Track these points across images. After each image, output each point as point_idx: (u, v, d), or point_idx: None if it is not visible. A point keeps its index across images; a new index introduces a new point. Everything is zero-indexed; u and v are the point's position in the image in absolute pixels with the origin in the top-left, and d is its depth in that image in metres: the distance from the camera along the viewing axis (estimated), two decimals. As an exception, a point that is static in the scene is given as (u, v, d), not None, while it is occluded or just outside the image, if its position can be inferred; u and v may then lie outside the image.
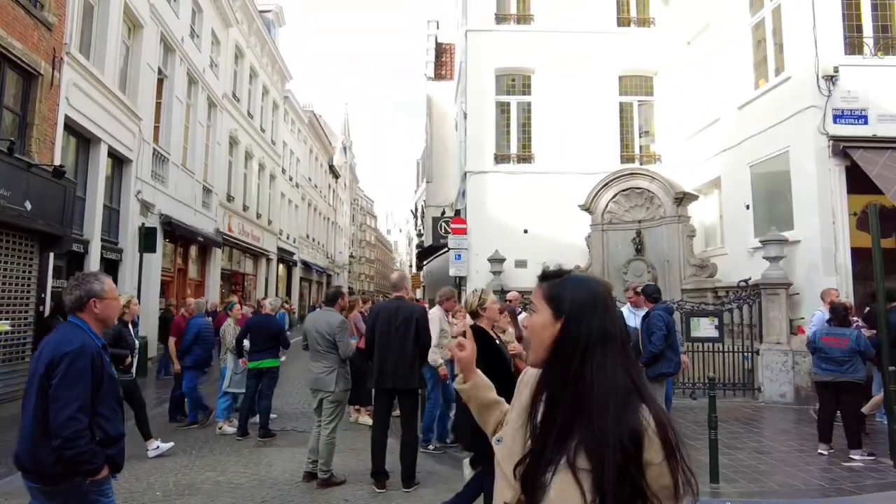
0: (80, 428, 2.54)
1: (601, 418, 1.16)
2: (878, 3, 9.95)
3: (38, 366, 2.61)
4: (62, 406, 2.51)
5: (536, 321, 1.32)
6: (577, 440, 1.17)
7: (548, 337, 1.28)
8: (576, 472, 1.15)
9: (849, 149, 9.32)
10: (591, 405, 1.18)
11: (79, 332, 2.69)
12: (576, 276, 1.36)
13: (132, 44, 13.16)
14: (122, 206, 12.80)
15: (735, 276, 10.96)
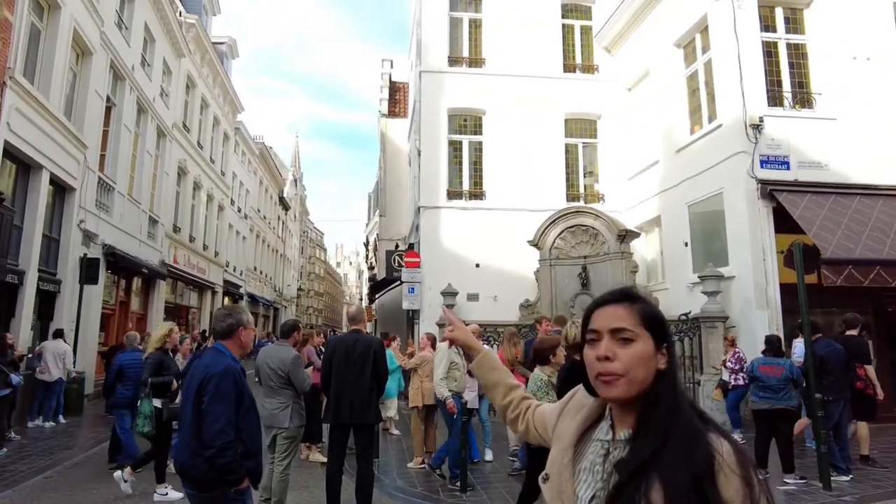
0: (229, 440, 2.95)
1: (681, 448, 1.08)
2: (794, 62, 10.96)
3: (191, 386, 3.06)
4: (213, 420, 2.94)
5: (642, 351, 1.16)
6: (654, 476, 1.07)
7: (654, 367, 1.17)
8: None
9: (775, 192, 10.09)
10: (671, 436, 1.10)
11: (222, 357, 3.14)
12: (650, 298, 1.36)
13: (80, 70, 12.89)
14: (62, 236, 12.30)
15: (676, 310, 11.50)
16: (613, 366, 1.15)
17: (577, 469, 1.23)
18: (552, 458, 1.29)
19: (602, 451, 1.21)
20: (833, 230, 9.39)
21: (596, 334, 1.20)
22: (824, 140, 10.50)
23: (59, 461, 8.07)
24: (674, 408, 1.14)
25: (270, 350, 5.37)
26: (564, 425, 1.32)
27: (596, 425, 1.27)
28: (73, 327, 12.00)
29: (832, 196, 10.12)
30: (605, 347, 1.17)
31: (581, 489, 1.20)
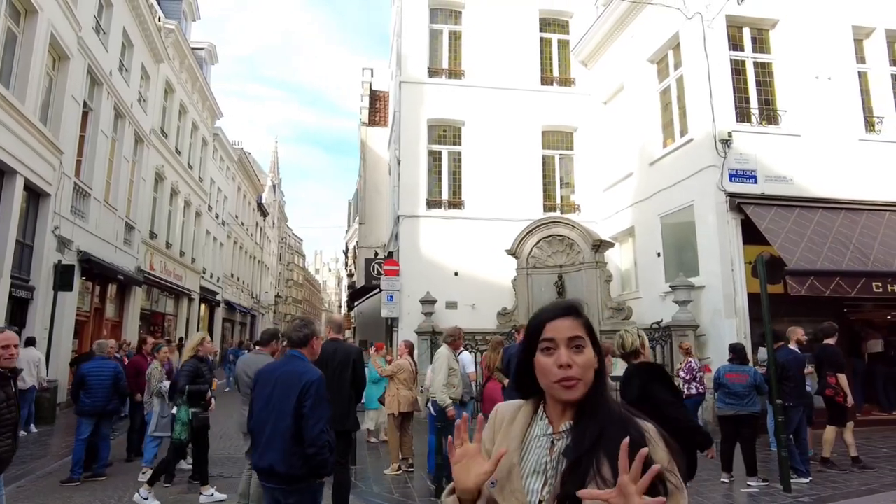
0: (328, 440, 3.32)
1: (618, 427, 1.27)
2: (760, 80, 11.41)
3: (282, 392, 3.34)
4: (315, 422, 3.26)
5: (590, 356, 1.35)
6: (601, 453, 1.24)
7: (593, 371, 1.35)
8: (605, 484, 1.21)
9: (743, 204, 10.45)
10: (609, 418, 1.30)
11: (305, 363, 3.49)
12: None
13: (57, 75, 12.79)
14: (36, 242, 12.15)
15: (649, 318, 11.80)
16: (573, 371, 1.31)
17: (523, 467, 1.34)
18: (499, 468, 1.34)
19: (547, 443, 1.35)
20: (797, 242, 9.77)
21: (552, 343, 1.34)
22: (789, 155, 10.93)
23: (31, 470, 7.99)
24: (606, 399, 1.34)
25: (249, 359, 5.46)
26: (502, 438, 1.41)
27: (529, 427, 1.41)
28: (47, 335, 11.84)
29: (796, 209, 10.53)
30: (566, 356, 1.32)
31: (530, 483, 1.32)
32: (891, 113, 11.61)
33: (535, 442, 1.37)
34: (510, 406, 1.49)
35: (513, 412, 1.45)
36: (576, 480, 1.24)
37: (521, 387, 1.45)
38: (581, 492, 1.21)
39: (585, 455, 1.26)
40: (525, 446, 1.38)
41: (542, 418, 1.40)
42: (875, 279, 9.27)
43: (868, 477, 7.09)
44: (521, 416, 1.42)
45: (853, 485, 6.77)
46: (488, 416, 1.54)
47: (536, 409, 1.43)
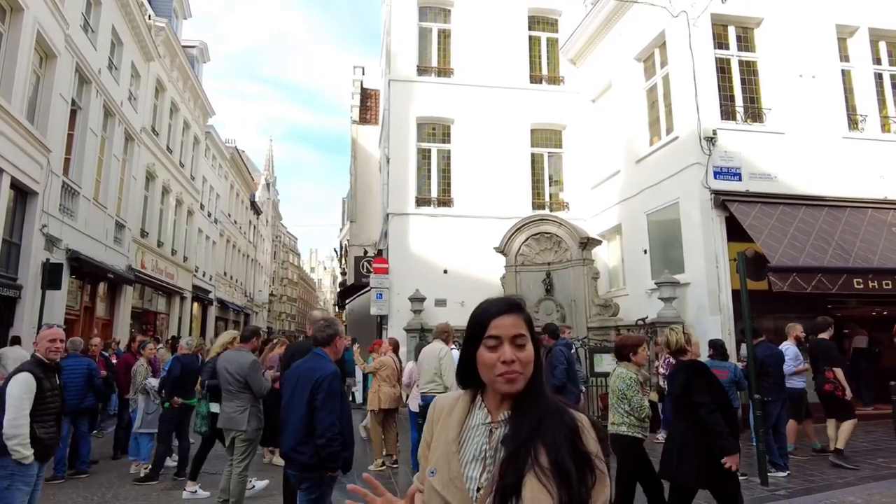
0: (337, 432, 3.55)
1: (553, 417, 1.36)
2: (745, 78, 11.48)
3: (302, 385, 3.65)
4: (326, 415, 3.53)
5: (531, 351, 1.40)
6: (538, 442, 1.31)
7: (532, 365, 1.41)
8: (542, 471, 1.27)
9: (727, 202, 10.54)
10: (545, 409, 1.37)
11: (326, 361, 3.74)
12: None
13: (44, 73, 12.75)
14: (24, 240, 12.12)
15: (636, 314, 11.88)
16: (516, 367, 1.37)
17: (462, 455, 1.39)
18: (438, 455, 1.42)
19: (486, 432, 1.40)
20: (780, 239, 9.86)
21: (497, 340, 1.39)
22: (774, 153, 11.02)
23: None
24: (543, 391, 1.41)
25: (229, 355, 5.51)
26: (441, 429, 1.47)
27: (467, 416, 1.46)
28: (35, 333, 11.82)
29: (780, 206, 10.63)
30: (510, 352, 1.37)
31: (469, 470, 1.36)
32: (873, 111, 11.73)
33: (474, 431, 1.42)
34: (448, 398, 1.53)
35: (451, 403, 1.50)
36: (515, 470, 1.29)
37: (463, 378, 1.49)
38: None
39: (523, 445, 1.31)
40: (463, 436, 1.42)
41: (481, 407, 1.45)
42: (856, 275, 9.37)
43: (844, 470, 7.19)
44: (460, 406, 1.47)
45: (830, 478, 6.87)
46: None
47: (474, 399, 1.48)
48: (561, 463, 1.29)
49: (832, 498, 6.15)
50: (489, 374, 1.39)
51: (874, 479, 6.77)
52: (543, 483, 1.26)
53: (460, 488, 1.34)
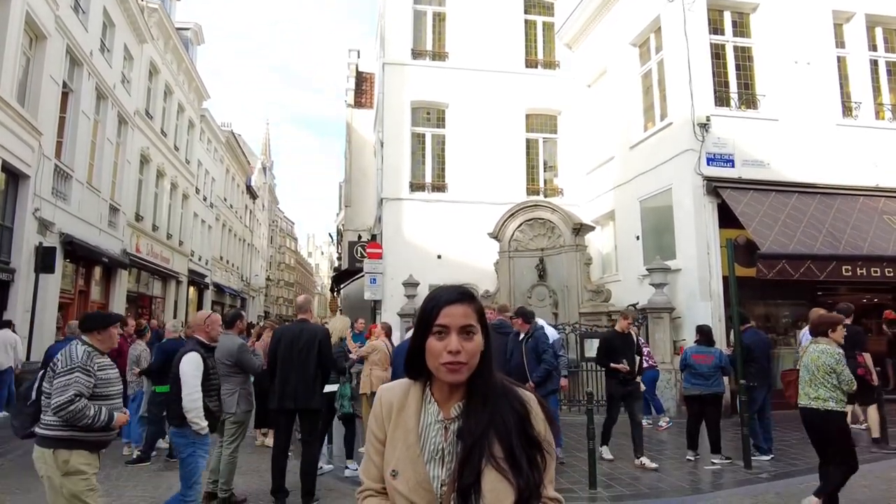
0: None
1: (504, 406, 1.37)
2: (740, 64, 11.44)
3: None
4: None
5: (479, 342, 1.39)
6: (492, 435, 1.32)
7: (479, 356, 1.39)
8: (498, 463, 1.29)
9: (719, 188, 10.56)
10: (497, 399, 1.37)
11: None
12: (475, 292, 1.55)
13: (34, 55, 12.65)
14: (16, 224, 12.12)
15: (628, 300, 11.95)
16: (461, 357, 1.35)
17: (423, 456, 1.37)
18: (399, 457, 1.38)
19: (441, 429, 1.39)
20: (771, 226, 9.90)
21: (445, 329, 1.37)
22: (767, 140, 11.01)
23: (12, 449, 8.09)
24: (493, 379, 1.41)
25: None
26: (395, 427, 1.43)
27: (421, 413, 1.43)
28: (29, 317, 11.88)
29: (772, 193, 10.65)
30: (455, 342, 1.35)
31: (431, 469, 1.36)
32: (868, 98, 11.70)
33: (429, 429, 1.40)
34: (394, 390, 1.49)
35: (400, 398, 1.46)
36: (472, 468, 1.30)
37: (411, 368, 1.46)
38: None
39: (477, 442, 1.32)
40: (421, 435, 1.40)
41: (430, 402, 1.43)
42: (845, 263, 9.42)
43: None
44: (412, 403, 1.43)
45: (812, 462, 6.94)
46: None
47: (423, 391, 1.45)
48: (514, 452, 1.31)
49: (813, 481, 6.21)
50: (434, 363, 1.38)
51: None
52: (501, 472, 1.29)
53: (428, 490, 1.34)
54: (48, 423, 3.44)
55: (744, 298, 11.07)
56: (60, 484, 3.38)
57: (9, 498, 5.91)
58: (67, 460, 3.39)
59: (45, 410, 3.46)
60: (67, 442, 3.42)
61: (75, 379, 3.41)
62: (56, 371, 3.45)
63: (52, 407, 3.36)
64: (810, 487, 5.97)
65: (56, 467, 3.37)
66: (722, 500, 5.70)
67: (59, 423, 3.40)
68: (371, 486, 1.46)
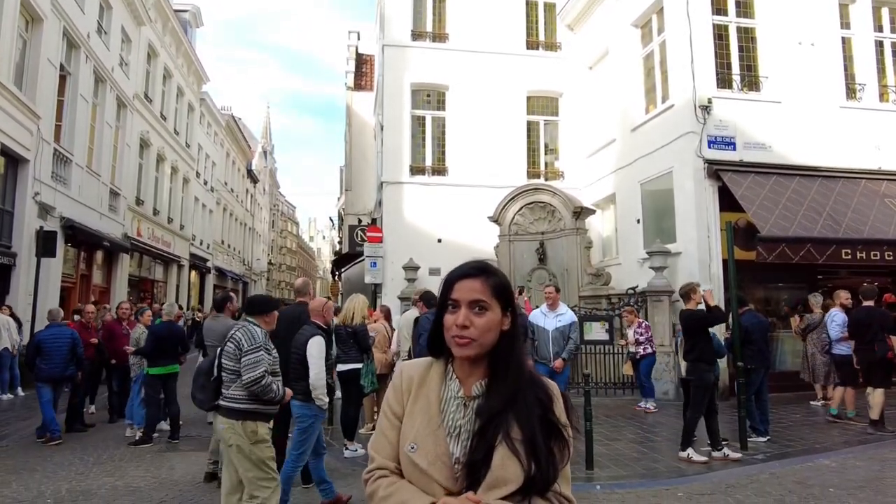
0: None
1: (527, 390, 1.35)
2: (743, 46, 11.29)
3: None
4: None
5: (492, 319, 1.36)
6: (511, 414, 1.31)
7: (499, 329, 1.38)
8: (512, 444, 1.27)
9: (720, 171, 10.49)
10: (520, 384, 1.35)
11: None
12: (500, 271, 1.47)
13: (31, 37, 12.55)
14: (16, 208, 12.13)
15: (628, 284, 11.95)
16: (469, 332, 1.34)
17: (443, 429, 1.36)
18: (418, 430, 1.36)
19: (461, 405, 1.38)
20: (771, 209, 9.86)
21: (456, 303, 1.37)
22: (769, 122, 10.92)
23: (16, 431, 8.22)
24: (519, 361, 1.39)
25: (210, 324, 5.59)
26: (414, 401, 1.41)
27: (442, 388, 1.42)
28: (31, 300, 11.94)
29: (774, 176, 10.59)
30: (464, 317, 1.35)
31: (451, 447, 1.34)
32: (872, 80, 11.58)
33: (449, 404, 1.39)
34: (416, 366, 1.48)
35: (421, 373, 1.45)
36: (485, 444, 1.29)
37: (433, 344, 1.45)
38: None
39: (495, 420, 1.31)
40: (442, 410, 1.39)
41: (452, 378, 1.42)
42: (845, 246, 9.39)
43: (823, 436, 7.36)
44: (434, 378, 1.42)
45: (808, 443, 7.03)
46: None
47: (446, 367, 1.44)
48: (532, 437, 1.29)
49: (808, 462, 6.31)
50: (447, 336, 1.38)
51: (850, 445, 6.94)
52: (514, 453, 1.27)
53: (446, 464, 1.32)
54: (235, 396, 3.81)
55: (744, 282, 11.12)
56: (250, 451, 3.76)
57: (14, 478, 6.00)
58: (255, 430, 3.80)
59: (228, 385, 3.84)
60: (253, 414, 3.82)
61: (262, 357, 3.81)
62: (242, 350, 3.82)
63: (245, 382, 3.74)
64: (807, 469, 6.06)
65: (246, 437, 3.75)
66: (718, 480, 5.75)
67: (246, 396, 3.79)
68: (382, 463, 1.41)
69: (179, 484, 5.69)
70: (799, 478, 5.71)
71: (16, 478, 6.01)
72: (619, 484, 5.62)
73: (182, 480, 5.81)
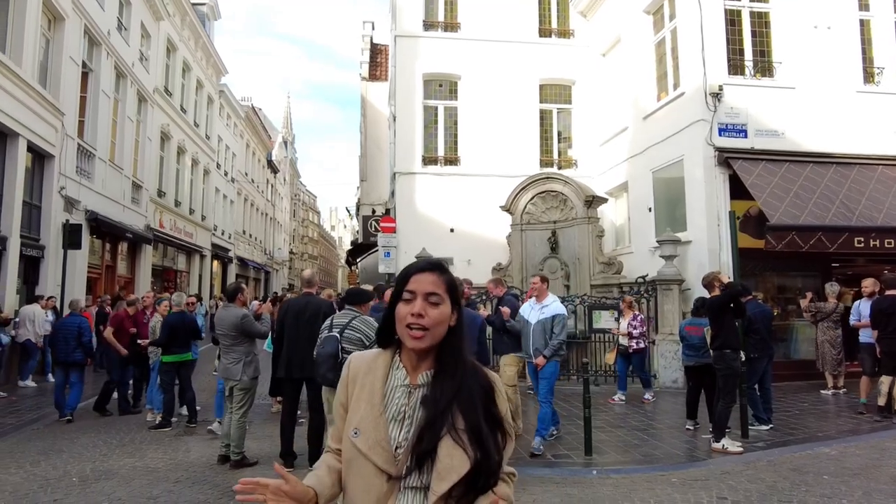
0: None
1: (471, 382, 1.40)
2: (756, 31, 11.13)
3: (472, 327, 4.77)
4: (485, 349, 4.86)
5: (444, 312, 1.42)
6: (456, 407, 1.35)
7: (447, 325, 1.44)
8: (458, 434, 1.32)
9: (730, 159, 10.42)
10: (464, 375, 1.41)
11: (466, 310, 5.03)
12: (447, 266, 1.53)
13: (53, 36, 12.93)
14: (43, 202, 12.59)
15: (640, 272, 11.96)
16: (423, 321, 1.39)
17: (386, 416, 1.41)
18: (361, 416, 1.42)
19: (406, 393, 1.43)
20: (782, 197, 9.78)
21: (412, 294, 1.42)
22: (782, 108, 10.79)
23: (45, 415, 8.65)
24: (464, 354, 1.47)
25: (221, 313, 5.84)
26: (360, 388, 1.47)
27: (388, 376, 1.48)
28: (59, 291, 12.42)
29: (786, 164, 10.49)
30: (420, 306, 1.40)
31: (392, 431, 1.40)
32: (892, 63, 11.32)
33: (394, 392, 1.44)
34: (364, 356, 1.55)
35: (368, 363, 1.51)
36: (432, 435, 1.33)
37: (383, 334, 1.52)
38: None
39: (441, 411, 1.36)
40: (386, 396, 1.44)
41: (399, 367, 1.47)
42: (858, 234, 9.30)
43: (827, 424, 7.38)
44: (380, 367, 1.48)
45: (811, 431, 7.07)
46: None
47: (392, 358, 1.50)
48: (476, 426, 1.35)
49: (808, 450, 6.36)
50: (400, 326, 1.43)
51: (857, 433, 6.95)
52: (458, 442, 1.32)
53: (385, 449, 1.37)
54: None
55: (756, 270, 11.11)
56: None
57: (42, 458, 6.37)
58: None
59: None
60: None
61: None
62: (371, 339, 4.37)
63: None
64: (805, 456, 6.12)
65: None
66: (714, 466, 5.85)
67: None
68: (334, 447, 1.53)
69: (194, 465, 5.99)
70: (795, 465, 5.78)
71: (44, 458, 6.38)
72: (616, 469, 5.75)
73: (197, 462, 6.11)
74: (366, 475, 1.37)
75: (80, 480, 5.57)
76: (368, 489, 1.36)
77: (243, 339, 5.90)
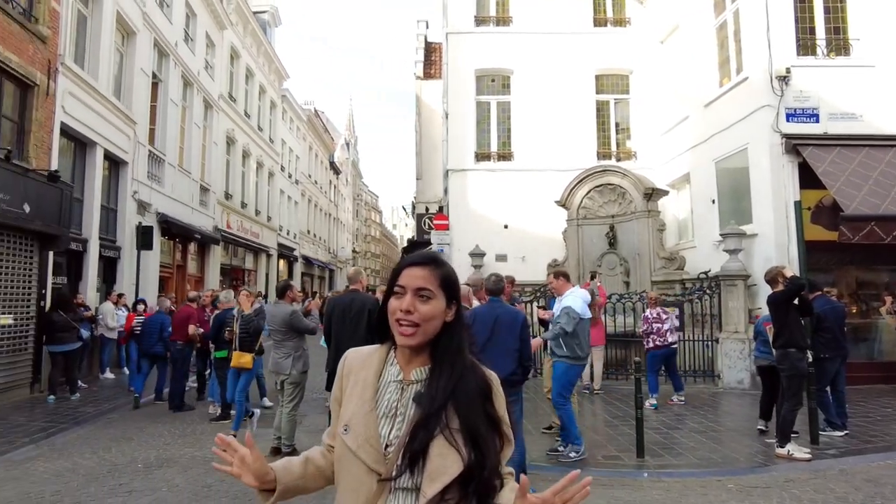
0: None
1: (468, 381, 1.35)
2: (829, 6, 10.34)
3: (508, 325, 4.94)
4: (529, 345, 5.05)
5: (436, 308, 1.37)
6: (451, 407, 1.31)
7: (443, 320, 1.39)
8: (451, 434, 1.27)
9: (799, 146, 9.75)
10: (462, 374, 1.36)
11: (507, 305, 5.36)
12: (449, 265, 1.48)
13: (126, 50, 13.75)
14: (119, 206, 13.44)
15: (703, 268, 11.45)
16: (412, 317, 1.35)
17: (377, 413, 1.37)
18: (352, 411, 1.39)
19: (398, 389, 1.39)
20: (859, 185, 9.07)
21: (402, 289, 1.38)
22: (859, 89, 9.99)
23: (121, 405, 9.24)
24: (461, 352, 1.41)
25: (271, 309, 6.04)
26: (353, 384, 1.44)
27: (381, 372, 1.44)
28: (134, 289, 13.23)
29: (864, 149, 9.71)
30: (409, 302, 1.36)
31: (383, 428, 1.36)
32: None
33: (386, 388, 1.41)
34: (359, 353, 1.52)
35: (362, 359, 1.48)
36: (425, 434, 1.29)
37: (378, 331, 1.48)
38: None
39: (436, 409, 1.31)
40: (378, 393, 1.41)
41: (393, 363, 1.44)
42: (948, 223, 8.48)
43: (910, 431, 6.79)
44: (374, 362, 1.45)
45: (891, 439, 6.52)
46: None
47: (387, 354, 1.47)
48: (473, 427, 1.30)
49: (888, 459, 5.86)
50: (391, 321, 1.39)
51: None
52: (452, 442, 1.27)
53: (375, 447, 1.33)
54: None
55: (832, 264, 10.36)
56: None
57: (114, 444, 6.80)
58: None
59: None
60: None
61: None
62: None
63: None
64: (884, 466, 5.64)
65: None
66: (777, 473, 5.49)
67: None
68: (327, 442, 1.52)
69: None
70: (871, 476, 5.34)
71: (115, 445, 6.81)
72: (668, 473, 5.51)
73: (251, 454, 6.33)
74: (355, 474, 1.34)
75: (144, 467, 5.90)
76: (357, 488, 1.32)
77: (293, 335, 6.05)
